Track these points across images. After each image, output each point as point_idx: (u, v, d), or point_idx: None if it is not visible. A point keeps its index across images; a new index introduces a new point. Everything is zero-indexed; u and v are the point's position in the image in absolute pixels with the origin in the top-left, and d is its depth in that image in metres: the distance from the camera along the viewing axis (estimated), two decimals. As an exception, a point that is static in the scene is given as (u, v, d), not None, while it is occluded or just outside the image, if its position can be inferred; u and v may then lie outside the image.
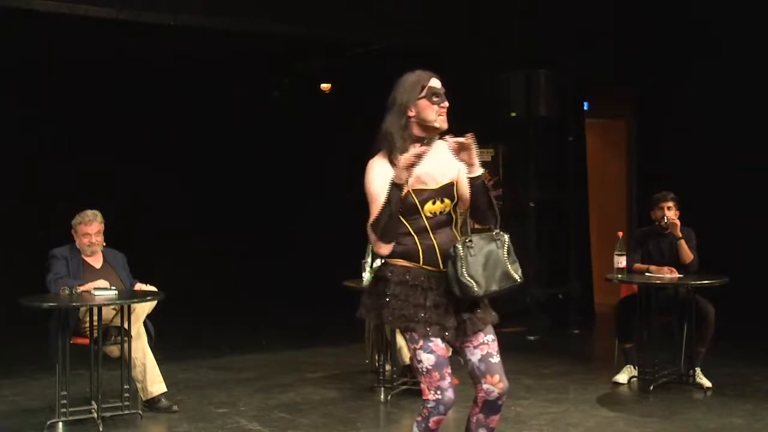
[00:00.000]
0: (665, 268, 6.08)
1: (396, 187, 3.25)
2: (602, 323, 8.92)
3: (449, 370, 3.37)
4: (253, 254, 11.80)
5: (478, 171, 3.35)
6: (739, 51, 8.46)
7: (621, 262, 6.14)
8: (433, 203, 3.37)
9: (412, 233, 3.37)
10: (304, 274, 10.64)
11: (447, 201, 3.41)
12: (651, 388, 6.02)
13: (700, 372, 6.09)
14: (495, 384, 3.38)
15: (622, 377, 6.27)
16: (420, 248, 3.36)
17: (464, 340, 3.40)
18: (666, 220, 6.17)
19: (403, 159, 3.24)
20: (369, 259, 5.99)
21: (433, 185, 3.38)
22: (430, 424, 3.37)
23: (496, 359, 3.40)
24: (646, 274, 6.13)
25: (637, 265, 6.24)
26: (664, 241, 6.28)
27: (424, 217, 3.36)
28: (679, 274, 6.02)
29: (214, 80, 10.83)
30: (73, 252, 5.55)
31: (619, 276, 6.13)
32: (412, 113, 3.39)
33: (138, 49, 9.17)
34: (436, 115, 3.39)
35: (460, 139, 3.29)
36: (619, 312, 6.40)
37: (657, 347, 6.17)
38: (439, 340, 3.35)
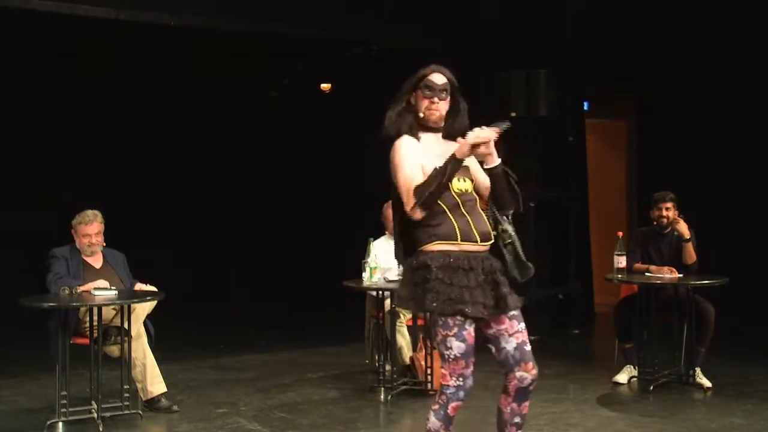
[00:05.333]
0: (665, 268, 6.08)
1: (456, 161, 3.34)
2: (602, 323, 8.91)
3: (474, 360, 3.43)
4: (254, 254, 11.81)
5: (496, 161, 3.48)
6: (739, 51, 8.46)
7: (621, 262, 6.14)
8: (458, 181, 3.47)
9: (446, 209, 3.42)
10: (305, 274, 10.64)
11: (469, 181, 3.53)
12: (651, 388, 6.02)
13: (700, 372, 6.09)
14: (529, 371, 3.45)
15: (622, 377, 6.27)
16: (456, 224, 3.42)
17: (500, 328, 3.46)
18: (669, 222, 6.17)
19: (470, 137, 3.34)
20: (369, 259, 6.00)
21: None
22: (448, 411, 3.41)
23: (529, 347, 3.49)
24: (646, 274, 6.13)
25: (637, 265, 6.24)
26: (664, 241, 6.28)
27: (453, 194, 3.45)
28: (679, 274, 6.03)
29: (213, 80, 10.84)
30: (73, 252, 5.55)
31: (619, 276, 6.13)
32: (411, 102, 3.53)
33: (138, 49, 9.17)
34: (424, 108, 3.51)
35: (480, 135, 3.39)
36: (619, 312, 6.40)
37: (657, 347, 6.17)
38: (472, 329, 3.41)
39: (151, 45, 8.92)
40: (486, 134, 3.38)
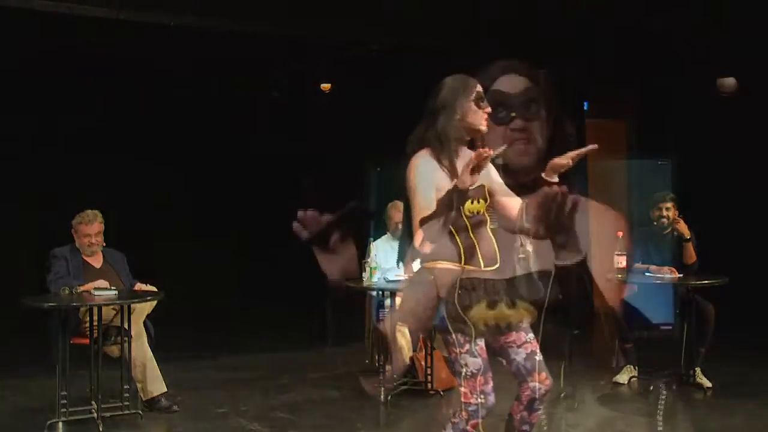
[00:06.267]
0: (665, 268, 6.08)
1: (460, 193, 3.23)
2: (602, 323, 8.90)
3: (491, 374, 3.40)
4: (254, 254, 11.79)
5: (554, 178, 3.55)
6: (738, 51, 8.46)
7: (621, 262, 6.14)
8: (472, 203, 3.40)
9: (453, 232, 3.36)
10: (305, 274, 10.61)
11: (482, 202, 3.46)
12: (651, 388, 6.02)
13: (700, 372, 6.09)
14: (542, 381, 3.45)
15: (622, 377, 6.27)
16: (462, 247, 3.36)
17: (507, 341, 3.45)
18: (669, 222, 6.17)
19: (468, 163, 3.20)
20: (369, 259, 5.99)
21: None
22: (468, 427, 3.40)
23: (540, 356, 3.47)
24: (646, 274, 6.13)
25: (637, 265, 6.23)
26: (664, 241, 6.28)
27: (464, 216, 3.38)
28: (679, 274, 6.02)
29: (213, 80, 10.83)
30: (73, 252, 5.55)
31: (619, 276, 6.12)
32: (459, 116, 3.44)
33: (138, 49, 9.17)
34: (483, 120, 3.47)
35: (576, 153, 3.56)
36: (619, 312, 6.39)
37: (657, 347, 6.17)
38: (483, 343, 3.38)
39: (151, 45, 8.91)
40: (479, 154, 3.23)
